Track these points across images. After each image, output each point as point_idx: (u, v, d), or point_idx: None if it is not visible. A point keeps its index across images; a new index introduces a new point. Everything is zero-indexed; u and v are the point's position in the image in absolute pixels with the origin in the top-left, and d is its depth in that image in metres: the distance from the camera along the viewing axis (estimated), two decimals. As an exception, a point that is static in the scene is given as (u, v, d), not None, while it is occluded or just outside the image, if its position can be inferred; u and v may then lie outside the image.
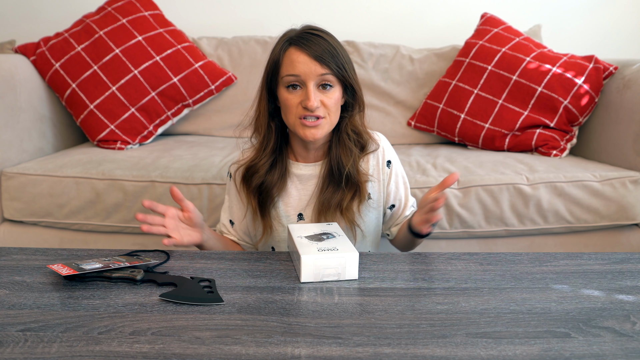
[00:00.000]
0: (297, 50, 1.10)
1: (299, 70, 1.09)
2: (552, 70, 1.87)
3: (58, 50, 1.93)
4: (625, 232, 1.67)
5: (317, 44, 1.10)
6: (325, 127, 1.13)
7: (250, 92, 2.09)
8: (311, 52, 1.09)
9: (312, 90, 1.09)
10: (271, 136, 1.19)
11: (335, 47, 1.12)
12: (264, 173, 1.19)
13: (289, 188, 1.23)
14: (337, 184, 1.18)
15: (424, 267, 1.01)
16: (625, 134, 1.75)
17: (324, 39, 1.12)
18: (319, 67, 1.09)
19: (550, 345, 0.73)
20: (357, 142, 1.21)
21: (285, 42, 1.13)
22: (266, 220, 1.22)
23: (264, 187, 1.20)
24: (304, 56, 1.09)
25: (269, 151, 1.19)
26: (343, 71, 1.12)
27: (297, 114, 1.11)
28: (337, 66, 1.11)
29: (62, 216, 1.62)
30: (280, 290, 0.90)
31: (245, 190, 1.22)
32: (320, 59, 1.09)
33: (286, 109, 1.13)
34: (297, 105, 1.11)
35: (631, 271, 0.98)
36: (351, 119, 1.19)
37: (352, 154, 1.18)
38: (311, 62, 1.09)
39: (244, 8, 2.39)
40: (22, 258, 1.02)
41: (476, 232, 1.62)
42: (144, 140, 1.98)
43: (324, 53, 1.10)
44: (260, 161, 1.19)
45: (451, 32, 2.33)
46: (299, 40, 1.11)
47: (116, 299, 0.86)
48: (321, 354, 0.71)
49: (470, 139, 1.95)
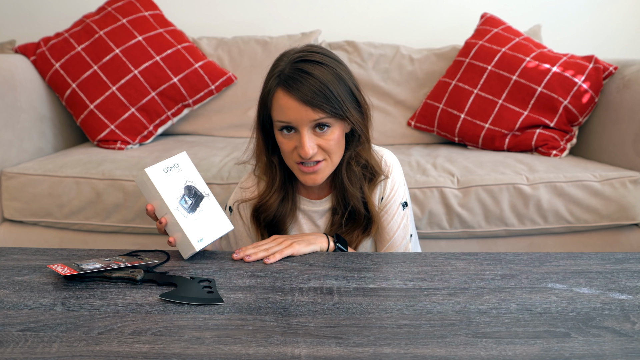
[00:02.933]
0: (284, 94, 1.01)
1: (290, 117, 1.01)
2: (552, 70, 1.87)
3: (58, 50, 1.93)
4: (625, 232, 1.67)
5: (307, 86, 0.99)
6: (326, 170, 1.06)
7: (250, 92, 2.09)
8: (300, 96, 0.99)
9: (306, 137, 1.01)
10: (276, 172, 1.12)
11: (328, 84, 1.00)
12: (275, 208, 1.13)
13: (299, 219, 1.19)
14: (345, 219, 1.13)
15: (424, 267, 1.01)
16: (625, 134, 1.75)
17: (314, 76, 1.00)
18: (310, 113, 1.00)
19: (550, 345, 0.73)
20: (364, 175, 1.12)
21: (274, 80, 1.03)
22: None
23: (275, 221, 1.15)
24: (292, 102, 1.00)
25: (278, 187, 1.12)
26: (340, 109, 1.01)
27: (294, 158, 1.05)
28: (332, 107, 1.00)
29: (62, 216, 1.62)
30: (280, 290, 0.90)
31: (255, 225, 1.17)
32: (311, 103, 0.99)
33: (283, 152, 1.07)
34: (292, 149, 1.04)
35: (631, 271, 0.98)
36: (356, 150, 1.10)
37: (358, 185, 1.10)
38: (301, 108, 0.99)
39: (244, 8, 2.39)
40: (22, 258, 1.02)
41: (476, 232, 1.62)
42: (144, 140, 1.98)
43: (315, 96, 0.99)
44: (270, 199, 1.13)
45: (451, 32, 2.33)
46: (288, 81, 1.00)
47: (116, 299, 0.86)
48: (321, 354, 0.71)
49: (470, 139, 1.95)
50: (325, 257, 1.05)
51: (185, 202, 1.02)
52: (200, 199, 1.04)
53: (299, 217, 1.18)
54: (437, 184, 1.59)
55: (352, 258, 1.05)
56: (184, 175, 1.03)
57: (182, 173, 1.03)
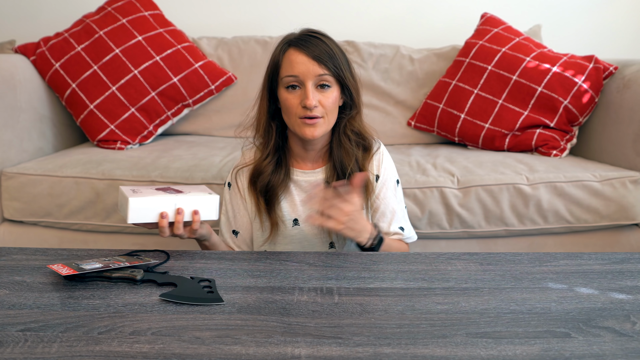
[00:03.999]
0: (296, 51, 1.15)
1: (298, 70, 1.14)
2: (552, 70, 1.87)
3: (58, 50, 1.93)
4: (625, 232, 1.67)
5: (316, 45, 1.14)
6: (322, 126, 1.16)
7: (250, 92, 2.09)
8: (309, 52, 1.14)
9: (310, 90, 1.13)
10: (272, 135, 1.22)
11: (333, 49, 1.16)
12: (269, 172, 1.21)
13: (292, 190, 1.24)
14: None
15: (424, 267, 1.01)
16: (625, 134, 1.75)
17: (322, 40, 1.16)
18: (317, 67, 1.13)
19: (550, 345, 0.73)
20: (358, 142, 1.23)
21: (285, 44, 1.17)
22: (273, 219, 1.23)
23: (270, 186, 1.22)
24: (302, 56, 1.14)
25: (272, 149, 1.21)
26: (340, 72, 1.16)
27: (297, 113, 1.15)
28: (334, 66, 1.15)
29: (62, 216, 1.62)
30: (280, 290, 0.90)
31: (253, 191, 1.24)
32: (319, 59, 1.13)
33: (286, 109, 1.17)
34: (297, 105, 1.15)
35: (631, 271, 0.98)
36: (349, 119, 1.21)
37: (353, 154, 1.20)
38: (309, 63, 1.13)
39: (244, 8, 2.39)
40: (22, 258, 1.02)
41: (476, 232, 1.62)
42: (144, 140, 1.98)
43: (322, 54, 1.14)
44: (264, 160, 1.21)
45: (451, 32, 2.33)
46: (298, 41, 1.16)
47: (116, 299, 0.86)
48: (321, 354, 0.71)
49: (470, 139, 1.95)
50: (325, 257, 1.05)
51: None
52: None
53: (291, 188, 1.25)
54: (437, 184, 1.59)
55: (352, 258, 1.05)
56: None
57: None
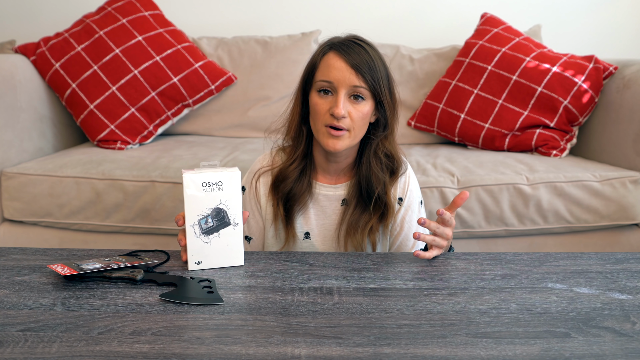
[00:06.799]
0: (335, 55, 1.08)
1: (333, 76, 1.07)
2: (552, 70, 1.87)
3: (58, 50, 1.93)
4: (625, 232, 1.67)
5: (357, 54, 1.07)
6: (347, 140, 1.09)
7: (250, 92, 2.09)
8: (349, 59, 1.07)
9: (342, 98, 1.07)
10: (302, 140, 1.16)
11: (375, 61, 1.09)
12: (293, 180, 1.16)
13: (309, 209, 1.20)
14: (364, 205, 1.16)
15: (424, 267, 1.01)
16: (625, 134, 1.75)
17: (365, 50, 1.09)
18: (353, 77, 1.06)
19: (550, 345, 0.73)
20: (387, 165, 1.17)
21: (327, 46, 1.11)
22: (290, 229, 1.18)
23: (291, 194, 1.16)
24: (341, 62, 1.07)
25: (300, 155, 1.16)
26: (378, 86, 1.08)
27: (324, 121, 1.09)
28: (372, 79, 1.07)
29: (62, 216, 1.62)
30: (280, 290, 0.90)
31: (274, 197, 1.18)
32: (357, 68, 1.06)
33: (315, 114, 1.10)
34: (325, 112, 1.08)
35: (631, 271, 0.98)
36: (382, 140, 1.15)
37: (382, 179, 1.14)
38: (347, 70, 1.07)
39: (244, 8, 2.39)
40: (22, 258, 1.02)
41: (476, 232, 1.62)
42: (144, 140, 1.98)
43: (362, 63, 1.07)
44: (291, 166, 1.16)
45: (451, 32, 2.33)
46: (340, 46, 1.09)
47: (116, 299, 0.86)
48: (321, 354, 0.71)
49: (470, 139, 1.95)
50: (325, 257, 1.05)
51: (206, 222, 0.97)
52: (224, 225, 0.98)
53: (308, 205, 1.19)
54: (437, 184, 1.59)
55: (352, 258, 1.05)
56: (222, 195, 0.97)
57: (220, 193, 0.97)
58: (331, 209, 1.19)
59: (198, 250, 0.98)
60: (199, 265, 0.98)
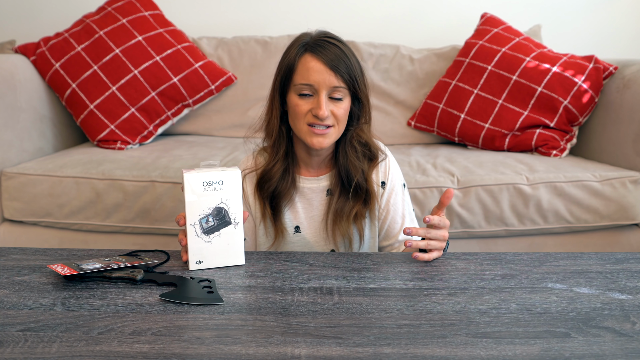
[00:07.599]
0: (312, 57, 1.10)
1: (314, 79, 1.09)
2: (552, 70, 1.87)
3: (58, 50, 1.93)
4: (625, 232, 1.67)
5: (333, 52, 1.09)
6: (332, 136, 1.13)
7: (250, 92, 2.09)
8: (327, 60, 1.09)
9: (323, 100, 1.09)
10: (282, 141, 1.18)
11: (350, 58, 1.11)
12: (277, 179, 1.18)
13: (296, 202, 1.22)
14: (347, 193, 1.18)
15: (424, 267, 1.01)
16: (625, 134, 1.75)
17: (339, 48, 1.11)
18: (333, 78, 1.09)
19: (550, 345, 0.73)
20: (364, 153, 1.20)
21: (301, 47, 1.12)
22: (278, 227, 1.20)
23: (276, 192, 1.19)
24: (319, 64, 1.09)
25: (282, 156, 1.18)
26: (355, 83, 1.11)
27: (306, 121, 1.11)
28: (350, 78, 1.10)
29: (62, 216, 1.62)
30: (280, 290, 0.90)
31: (259, 197, 1.21)
32: (336, 69, 1.08)
33: (295, 114, 1.12)
34: (307, 112, 1.11)
35: (631, 271, 0.98)
36: (357, 130, 1.18)
37: (359, 167, 1.17)
38: (326, 72, 1.09)
39: (244, 8, 2.39)
40: (22, 258, 1.02)
41: (476, 232, 1.62)
42: (144, 140, 1.98)
43: (340, 63, 1.09)
44: (274, 167, 1.18)
45: (451, 32, 2.33)
46: (315, 46, 1.10)
47: (116, 299, 0.86)
48: (321, 354, 0.71)
49: (470, 139, 1.95)
50: (325, 257, 1.05)
51: (207, 221, 0.98)
52: (225, 224, 0.99)
53: (295, 199, 1.21)
54: (437, 184, 1.59)
55: (352, 258, 1.05)
56: (223, 194, 0.98)
57: (221, 192, 0.97)
58: (317, 201, 1.22)
59: (199, 249, 0.98)
60: (200, 265, 0.99)
